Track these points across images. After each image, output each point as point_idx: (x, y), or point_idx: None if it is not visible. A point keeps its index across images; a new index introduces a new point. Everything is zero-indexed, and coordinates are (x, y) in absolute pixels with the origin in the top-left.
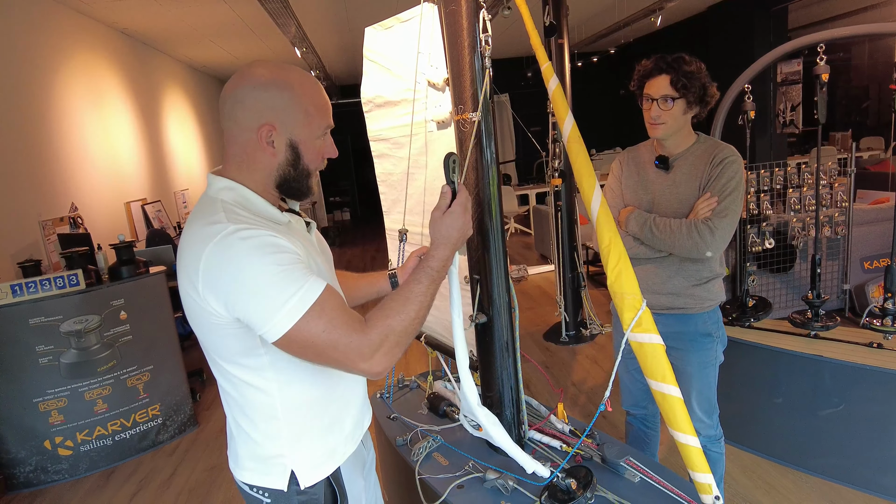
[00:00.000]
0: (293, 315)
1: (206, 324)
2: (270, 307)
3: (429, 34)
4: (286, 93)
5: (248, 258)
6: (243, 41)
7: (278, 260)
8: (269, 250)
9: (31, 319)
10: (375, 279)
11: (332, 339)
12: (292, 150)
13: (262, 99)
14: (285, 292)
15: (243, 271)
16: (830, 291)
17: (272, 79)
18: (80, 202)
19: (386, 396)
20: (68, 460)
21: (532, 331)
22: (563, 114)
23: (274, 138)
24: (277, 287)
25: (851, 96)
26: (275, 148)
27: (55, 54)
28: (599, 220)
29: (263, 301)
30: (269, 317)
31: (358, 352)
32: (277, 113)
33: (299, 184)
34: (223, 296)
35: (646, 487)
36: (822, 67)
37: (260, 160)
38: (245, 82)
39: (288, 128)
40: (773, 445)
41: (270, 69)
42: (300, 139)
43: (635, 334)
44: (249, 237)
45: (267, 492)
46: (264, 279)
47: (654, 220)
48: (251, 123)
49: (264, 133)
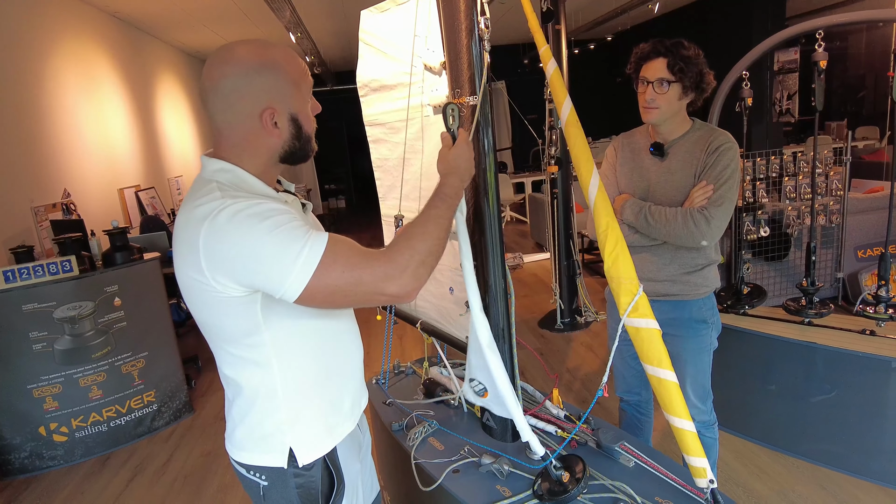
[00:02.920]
0: (308, 269)
1: (212, 304)
2: (283, 268)
3: (426, 17)
4: (277, 71)
5: (248, 227)
6: (237, 26)
7: (277, 222)
8: (267, 215)
9: (24, 306)
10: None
11: (354, 276)
12: (294, 124)
13: (258, 83)
14: (292, 250)
15: (246, 241)
16: (824, 280)
17: (261, 61)
18: (73, 188)
19: (382, 382)
20: (63, 446)
21: (527, 318)
22: (561, 98)
23: (277, 119)
24: (283, 247)
25: (847, 86)
26: (279, 128)
27: (46, 39)
28: (597, 205)
29: (275, 264)
30: (283, 277)
31: (385, 276)
32: (273, 94)
33: (303, 150)
34: (230, 269)
35: (640, 472)
36: (820, 54)
37: (264, 144)
38: (234, 69)
39: (286, 105)
40: (766, 431)
41: (252, 51)
42: (297, 110)
43: (632, 319)
44: (244, 208)
45: (264, 473)
46: (269, 243)
47: (649, 208)
48: (252, 110)
49: (267, 117)
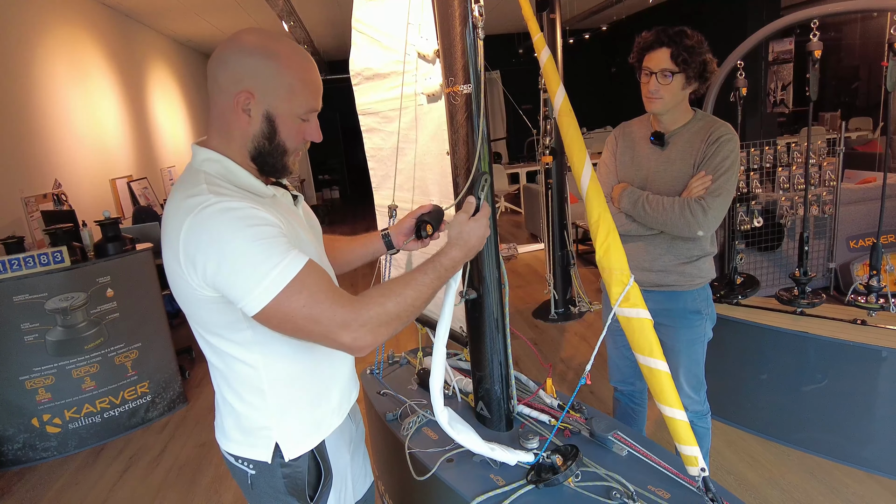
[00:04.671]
0: (272, 290)
1: (189, 297)
2: (250, 281)
3: (419, 4)
4: (271, 62)
5: (228, 231)
6: (229, 14)
7: (259, 233)
8: (250, 223)
9: (15, 297)
10: (369, 240)
11: (313, 313)
12: (268, 123)
13: (244, 64)
14: (264, 266)
15: (223, 245)
16: (816, 270)
17: (259, 45)
18: (64, 179)
19: (376, 372)
20: (57, 438)
21: (521, 308)
22: (554, 86)
23: (251, 107)
24: (257, 261)
25: (841, 77)
26: (250, 117)
27: (35, 28)
28: (589, 195)
29: (243, 275)
30: (247, 291)
31: (342, 324)
32: (258, 81)
33: (274, 159)
34: (202, 269)
35: (633, 461)
36: (815, 44)
37: (235, 126)
38: (232, 46)
39: (266, 98)
40: (758, 420)
41: (261, 36)
42: (278, 113)
43: (623, 309)
44: (229, 209)
45: (252, 463)
46: (244, 253)
47: (646, 197)
48: (230, 87)
49: (241, 99)
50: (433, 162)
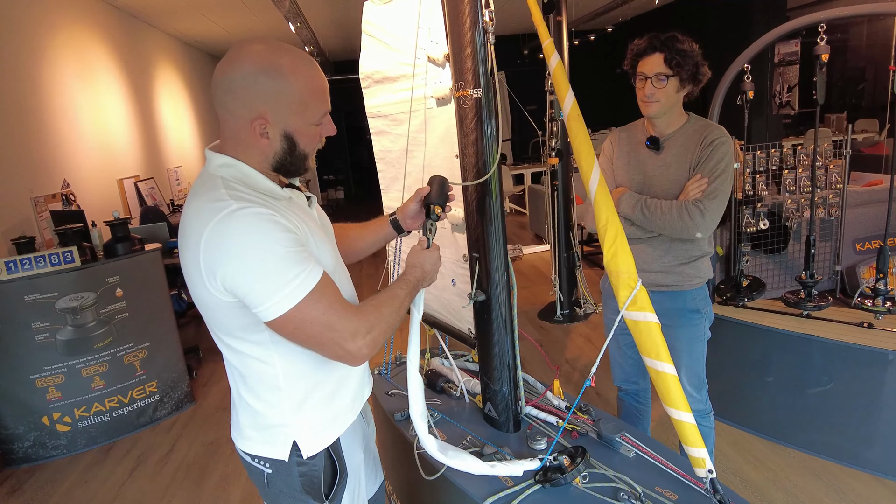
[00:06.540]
0: (293, 298)
1: (209, 301)
2: (270, 288)
3: (429, 8)
4: (279, 81)
5: (250, 238)
6: (236, 15)
7: (280, 240)
8: (271, 230)
9: (26, 296)
10: (379, 226)
11: (331, 320)
12: (287, 140)
13: (252, 90)
14: (286, 275)
15: (244, 251)
16: (822, 272)
17: (262, 65)
18: (72, 179)
19: (384, 373)
20: (66, 436)
21: (527, 309)
22: (563, 91)
23: (268, 130)
24: (279, 269)
25: (847, 78)
26: (269, 139)
27: (43, 29)
28: (597, 199)
29: (263, 282)
30: (266, 297)
31: (354, 333)
32: (269, 105)
33: (296, 166)
34: (221, 274)
35: (641, 462)
36: (822, 48)
37: (254, 146)
38: (234, 69)
39: (281, 117)
40: (763, 422)
41: (261, 53)
42: (295, 128)
43: (631, 312)
44: (251, 216)
45: (269, 462)
46: (265, 260)
47: (645, 201)
48: (243, 114)
49: (258, 126)
50: (442, 165)
